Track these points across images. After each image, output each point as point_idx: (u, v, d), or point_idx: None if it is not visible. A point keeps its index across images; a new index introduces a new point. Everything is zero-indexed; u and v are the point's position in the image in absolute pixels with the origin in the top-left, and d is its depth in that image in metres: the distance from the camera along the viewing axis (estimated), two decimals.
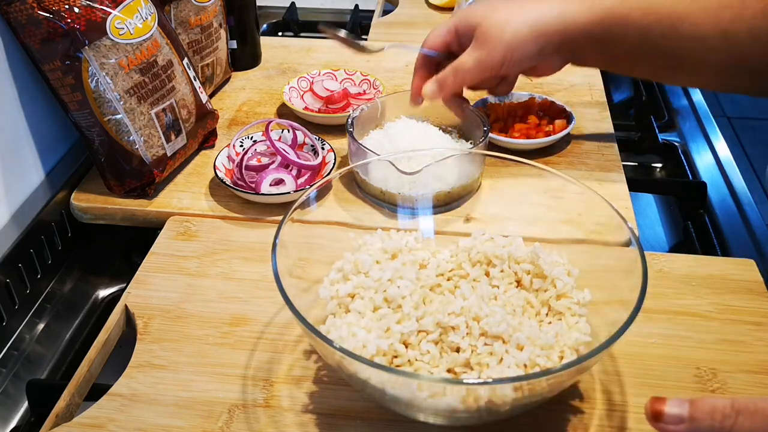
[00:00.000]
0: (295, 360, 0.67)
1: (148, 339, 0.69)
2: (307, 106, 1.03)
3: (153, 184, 0.86)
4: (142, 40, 0.83)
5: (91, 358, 0.67)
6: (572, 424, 0.61)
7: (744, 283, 0.74)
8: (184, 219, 0.84)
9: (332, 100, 1.04)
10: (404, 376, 0.53)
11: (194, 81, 0.92)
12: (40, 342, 0.80)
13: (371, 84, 1.06)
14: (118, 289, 0.89)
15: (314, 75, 1.08)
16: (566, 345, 0.58)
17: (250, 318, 0.71)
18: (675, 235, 0.97)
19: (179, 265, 0.77)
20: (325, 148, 0.91)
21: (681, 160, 1.05)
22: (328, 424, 0.61)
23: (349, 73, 1.08)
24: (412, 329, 0.58)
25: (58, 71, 0.79)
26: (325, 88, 1.05)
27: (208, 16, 1.01)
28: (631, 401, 0.62)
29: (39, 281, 0.83)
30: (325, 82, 1.07)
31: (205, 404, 0.62)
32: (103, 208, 0.87)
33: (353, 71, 1.08)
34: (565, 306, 0.62)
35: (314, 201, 0.69)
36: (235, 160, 0.89)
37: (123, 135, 0.83)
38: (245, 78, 1.14)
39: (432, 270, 0.65)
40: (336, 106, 1.03)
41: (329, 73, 1.08)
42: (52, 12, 0.76)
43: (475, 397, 0.53)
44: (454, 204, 0.84)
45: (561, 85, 1.10)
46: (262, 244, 0.79)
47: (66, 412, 0.63)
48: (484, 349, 0.57)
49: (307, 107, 1.03)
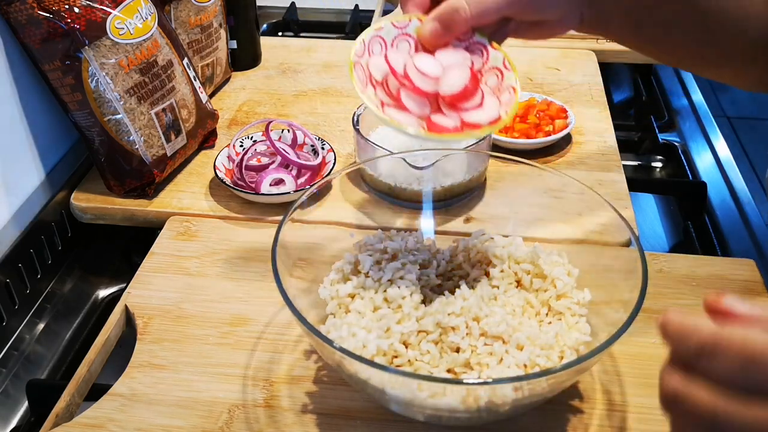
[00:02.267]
0: (295, 360, 0.67)
1: (148, 339, 0.69)
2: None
3: (153, 184, 0.86)
4: (142, 40, 0.83)
5: (91, 358, 0.67)
6: (572, 424, 0.61)
7: (744, 283, 0.74)
8: (184, 219, 0.84)
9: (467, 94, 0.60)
10: (404, 376, 0.53)
11: (194, 81, 0.92)
12: (40, 342, 0.80)
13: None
14: (118, 289, 0.89)
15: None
16: (566, 345, 0.58)
17: (250, 318, 0.71)
18: (675, 235, 0.97)
19: (179, 265, 0.77)
20: (325, 148, 0.91)
21: (681, 160, 1.05)
22: (328, 424, 0.61)
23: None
24: (412, 329, 0.58)
25: (58, 71, 0.79)
26: (420, 70, 0.59)
27: (208, 16, 1.01)
28: (631, 401, 0.62)
29: (39, 281, 0.83)
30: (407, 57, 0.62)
31: (205, 404, 0.62)
32: (103, 208, 0.87)
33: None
34: (565, 306, 0.62)
35: (314, 201, 0.69)
36: (235, 160, 0.89)
37: (123, 135, 0.83)
38: (245, 78, 1.14)
39: (432, 270, 0.65)
40: (470, 104, 0.60)
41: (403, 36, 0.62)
42: (52, 12, 0.76)
43: (475, 397, 0.53)
44: (464, 197, 0.85)
45: (561, 85, 1.10)
46: (262, 244, 0.79)
47: (66, 412, 0.63)
48: (484, 349, 0.57)
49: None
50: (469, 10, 0.57)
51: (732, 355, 0.35)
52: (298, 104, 1.07)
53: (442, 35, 0.59)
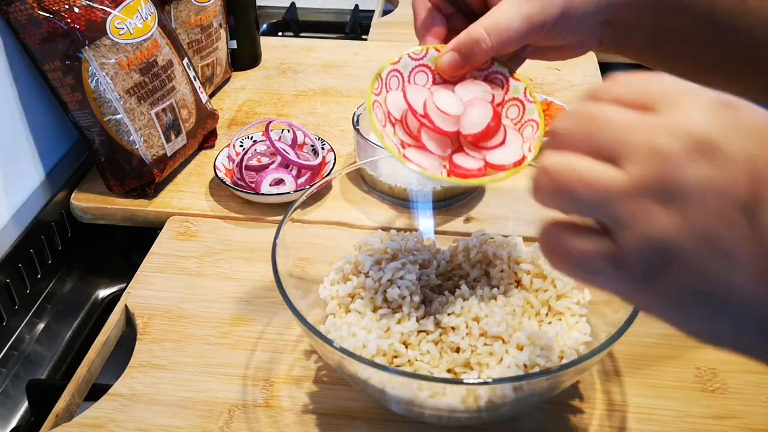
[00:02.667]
0: (295, 360, 0.67)
1: (148, 339, 0.69)
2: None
3: (153, 184, 0.86)
4: (142, 40, 0.83)
5: (91, 358, 0.67)
6: (572, 424, 0.61)
7: None
8: (184, 219, 0.84)
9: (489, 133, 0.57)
10: (404, 376, 0.53)
11: (194, 81, 0.92)
12: (40, 342, 0.80)
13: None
14: (118, 289, 0.89)
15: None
16: (566, 345, 0.58)
17: (250, 318, 0.71)
18: None
19: (179, 265, 0.77)
20: (325, 148, 0.91)
21: None
22: (328, 424, 0.61)
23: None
24: (412, 329, 0.58)
25: (58, 71, 0.79)
26: (440, 109, 0.56)
27: (208, 16, 1.01)
28: (631, 401, 0.62)
29: (39, 281, 0.83)
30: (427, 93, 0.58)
31: (205, 404, 0.62)
32: (103, 208, 0.87)
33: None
34: (565, 306, 0.62)
35: (314, 201, 0.69)
36: (235, 160, 0.89)
37: (123, 135, 0.83)
38: (245, 78, 1.14)
39: (432, 270, 0.65)
40: (493, 143, 0.57)
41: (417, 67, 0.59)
42: (52, 12, 0.76)
43: (475, 397, 0.53)
44: (464, 197, 0.85)
45: (561, 85, 1.10)
46: (262, 244, 0.79)
47: (66, 412, 0.63)
48: (484, 349, 0.57)
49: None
50: (490, 41, 0.55)
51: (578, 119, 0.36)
52: (298, 104, 1.07)
53: (461, 66, 0.56)
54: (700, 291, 0.34)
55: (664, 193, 0.33)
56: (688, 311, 0.35)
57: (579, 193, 0.35)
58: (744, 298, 0.33)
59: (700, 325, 0.36)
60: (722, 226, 0.32)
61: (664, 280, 0.34)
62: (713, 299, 0.34)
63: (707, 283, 0.33)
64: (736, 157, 0.32)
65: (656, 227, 0.33)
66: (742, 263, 0.32)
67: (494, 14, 0.55)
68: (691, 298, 0.34)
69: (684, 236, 0.32)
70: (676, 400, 0.62)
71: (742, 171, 0.32)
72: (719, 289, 0.33)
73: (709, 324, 0.35)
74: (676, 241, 0.33)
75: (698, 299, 0.34)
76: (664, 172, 0.33)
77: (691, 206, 0.32)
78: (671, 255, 0.33)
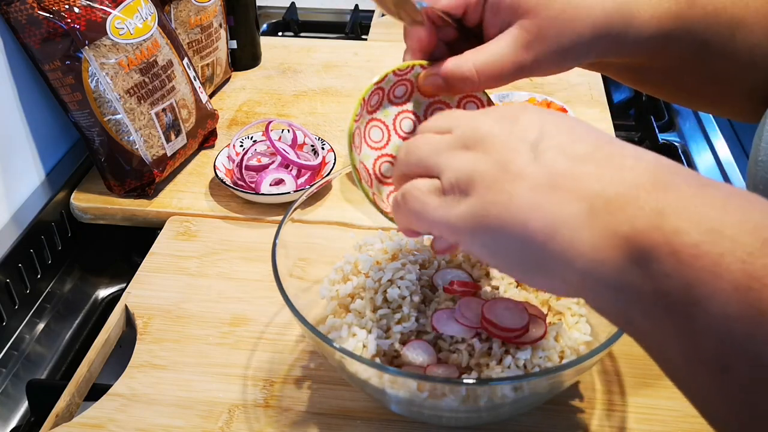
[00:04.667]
0: (295, 360, 0.67)
1: (148, 339, 0.69)
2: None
3: (153, 184, 0.86)
4: (142, 40, 0.83)
5: (91, 358, 0.67)
6: (572, 424, 0.61)
7: None
8: (184, 219, 0.84)
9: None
10: (404, 376, 0.53)
11: (194, 81, 0.92)
12: (40, 342, 0.80)
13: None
14: (118, 289, 0.89)
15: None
16: (566, 345, 0.58)
17: (250, 318, 0.71)
18: None
19: (179, 265, 0.77)
20: (325, 148, 0.91)
21: (681, 160, 1.05)
22: (328, 424, 0.61)
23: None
24: (412, 329, 0.58)
25: (58, 71, 0.79)
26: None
27: (208, 16, 1.01)
28: (631, 401, 0.62)
29: (39, 281, 0.83)
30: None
31: (205, 404, 0.62)
32: (103, 208, 0.87)
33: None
34: (565, 306, 0.62)
35: (314, 201, 0.69)
36: (235, 160, 0.89)
37: (123, 135, 0.83)
38: (245, 78, 1.14)
39: (432, 270, 0.65)
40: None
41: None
42: (52, 12, 0.76)
43: (475, 397, 0.53)
44: None
45: (561, 85, 1.10)
46: (262, 244, 0.79)
47: (66, 412, 0.63)
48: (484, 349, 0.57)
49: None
50: (478, 80, 0.54)
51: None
52: (298, 104, 1.07)
53: (444, 91, 0.56)
54: (494, 201, 0.42)
55: (468, 141, 0.44)
56: (489, 226, 0.42)
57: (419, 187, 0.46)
58: (527, 203, 0.41)
59: (499, 235, 0.42)
60: (511, 155, 0.42)
61: (472, 197, 0.42)
62: (505, 208, 0.41)
63: (500, 192, 0.42)
64: (531, 117, 0.44)
65: (462, 161, 0.44)
66: (525, 177, 0.41)
67: (487, 53, 0.54)
68: (490, 207, 0.42)
69: (482, 163, 0.43)
70: (676, 400, 0.62)
71: (535, 125, 0.43)
72: (505, 197, 0.41)
73: (501, 234, 0.42)
74: (475, 165, 0.43)
75: (492, 208, 0.42)
76: (466, 130, 0.45)
77: (489, 146, 0.43)
78: (473, 176, 0.43)
